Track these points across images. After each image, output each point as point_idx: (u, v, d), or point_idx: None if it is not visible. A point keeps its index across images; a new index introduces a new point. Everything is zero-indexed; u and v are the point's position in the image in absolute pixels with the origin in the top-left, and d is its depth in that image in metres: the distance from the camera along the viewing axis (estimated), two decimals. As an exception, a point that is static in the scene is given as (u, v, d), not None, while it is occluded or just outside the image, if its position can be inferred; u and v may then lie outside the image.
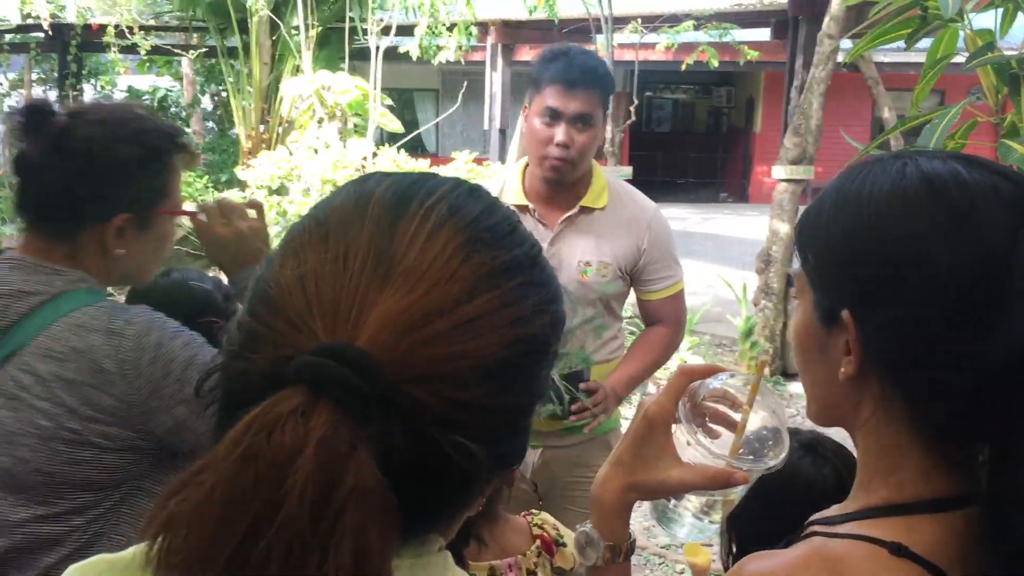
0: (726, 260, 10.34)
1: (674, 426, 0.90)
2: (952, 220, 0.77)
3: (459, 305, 0.59)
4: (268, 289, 0.62)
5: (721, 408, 0.93)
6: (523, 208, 2.32)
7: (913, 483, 0.80)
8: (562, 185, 2.28)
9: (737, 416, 0.91)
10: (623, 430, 2.53)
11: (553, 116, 2.19)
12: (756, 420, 0.91)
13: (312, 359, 0.55)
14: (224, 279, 1.74)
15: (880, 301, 0.79)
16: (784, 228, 6.44)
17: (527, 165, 2.36)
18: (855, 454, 0.87)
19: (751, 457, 0.89)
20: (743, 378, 0.93)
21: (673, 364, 6.55)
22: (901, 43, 1.93)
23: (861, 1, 2.12)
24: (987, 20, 1.91)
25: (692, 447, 0.89)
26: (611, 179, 2.40)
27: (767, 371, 6.40)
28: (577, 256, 2.28)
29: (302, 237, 0.64)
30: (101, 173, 1.40)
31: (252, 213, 1.59)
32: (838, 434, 0.99)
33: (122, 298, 1.73)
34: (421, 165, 8.90)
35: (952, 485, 0.80)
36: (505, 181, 2.40)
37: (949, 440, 0.80)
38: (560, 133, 2.18)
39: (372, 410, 0.55)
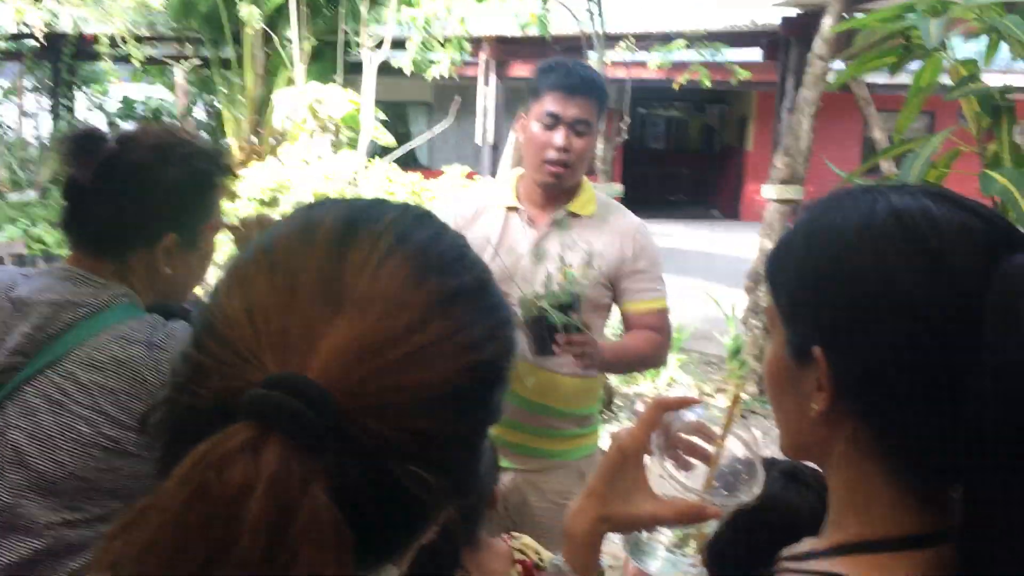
0: (716, 278, 10.35)
1: (648, 458, 0.90)
2: (922, 257, 0.77)
3: (411, 333, 0.58)
4: (214, 320, 0.60)
5: (696, 441, 0.92)
6: (513, 209, 2.35)
7: (884, 520, 0.80)
8: (557, 190, 2.31)
9: (711, 449, 0.91)
10: (596, 457, 2.52)
11: (553, 121, 2.24)
12: (731, 453, 0.91)
13: (262, 392, 0.53)
14: (200, 296, 1.76)
15: (851, 338, 0.79)
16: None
17: (521, 174, 2.40)
18: None
19: (724, 492, 0.89)
20: (718, 410, 0.92)
21: (661, 383, 6.55)
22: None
23: (850, 27, 2.13)
24: (973, 49, 1.92)
25: (665, 480, 0.89)
26: (599, 194, 2.43)
27: (755, 389, 6.40)
28: (557, 258, 2.28)
29: (248, 267, 0.63)
30: (151, 198, 1.46)
31: None
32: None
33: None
34: (413, 178, 8.92)
35: (925, 522, 0.79)
36: (495, 186, 2.44)
37: (921, 477, 0.80)
38: (559, 137, 2.23)
39: (325, 442, 0.53)
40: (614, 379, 6.30)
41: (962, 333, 0.74)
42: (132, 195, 1.45)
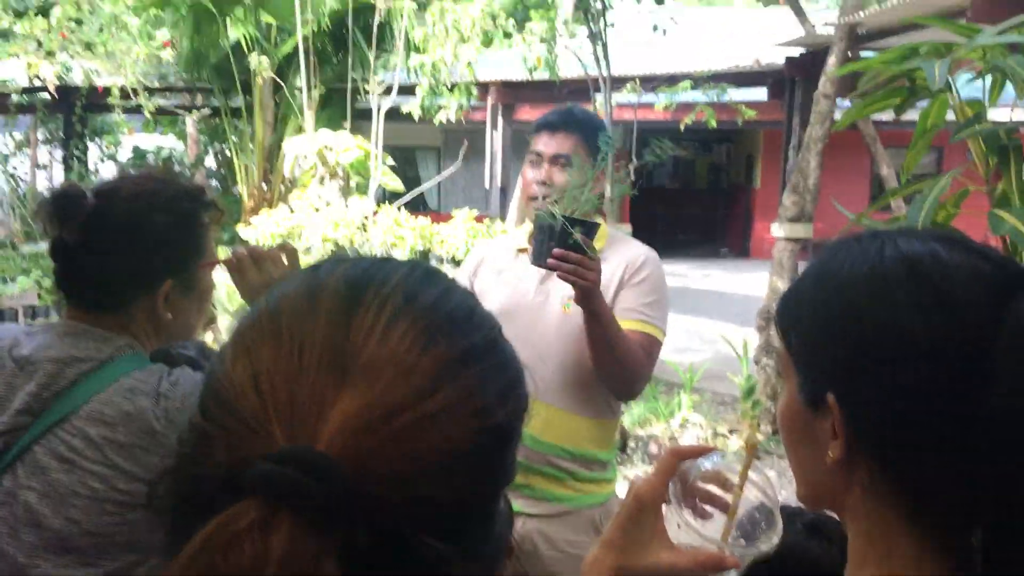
0: (727, 317, 10.33)
1: (665, 507, 0.90)
2: (933, 302, 0.77)
3: (421, 400, 0.57)
4: (220, 388, 0.59)
5: (713, 489, 0.92)
6: (523, 250, 2.38)
7: (904, 568, 0.79)
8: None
9: (729, 497, 0.90)
10: (610, 506, 2.47)
11: (536, 158, 2.33)
12: (749, 502, 0.90)
13: (270, 468, 0.52)
14: (207, 342, 1.76)
15: (863, 384, 0.79)
16: (784, 286, 6.44)
17: None
18: None
19: (743, 541, 0.88)
20: (734, 457, 0.92)
21: (675, 424, 6.51)
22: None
23: (853, 70, 2.15)
24: (978, 85, 1.93)
25: (683, 529, 0.88)
26: (614, 231, 2.44)
27: (769, 429, 6.35)
28: (562, 292, 2.25)
29: (253, 331, 0.61)
30: (140, 249, 1.44)
31: (284, 257, 1.63)
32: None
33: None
34: (422, 223, 8.96)
35: (945, 570, 0.78)
36: (512, 232, 2.48)
37: (941, 524, 0.79)
38: (538, 172, 2.30)
39: (336, 516, 0.52)
40: (627, 421, 6.27)
41: (975, 377, 0.74)
42: (122, 248, 1.43)
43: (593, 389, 2.28)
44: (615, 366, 2.17)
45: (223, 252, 1.64)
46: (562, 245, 1.96)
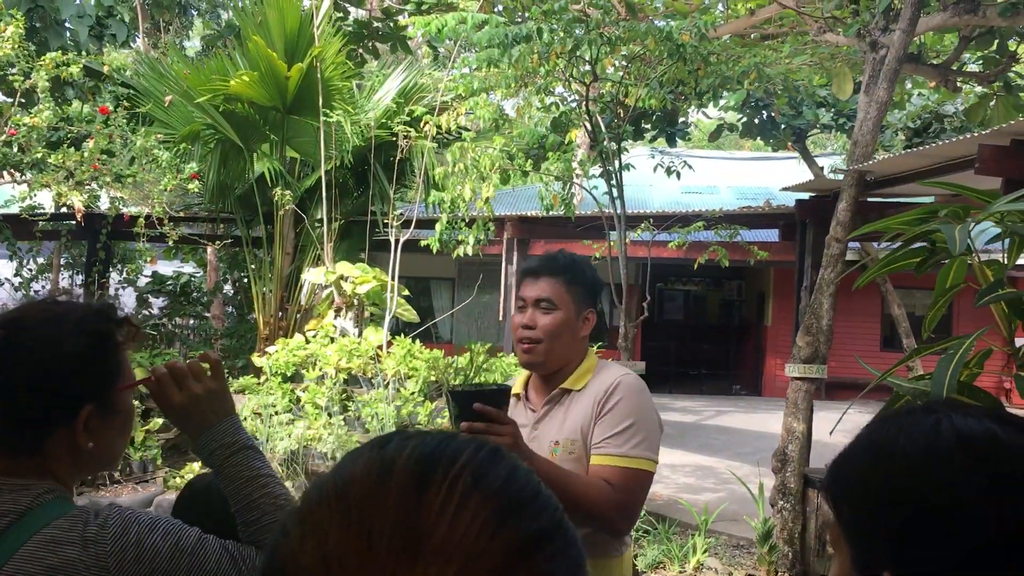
0: (740, 456, 10.20)
1: None
2: (991, 482, 0.78)
3: None
4: (287, 567, 0.59)
5: None
6: (517, 396, 2.46)
7: None
8: (542, 370, 2.40)
9: None
10: None
11: (521, 304, 2.41)
12: None
13: None
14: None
15: (922, 564, 0.78)
16: (799, 427, 6.39)
17: None
18: None
19: None
20: None
21: (688, 568, 6.34)
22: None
23: (869, 231, 2.19)
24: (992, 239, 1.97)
25: None
26: (602, 362, 2.47)
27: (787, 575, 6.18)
28: (551, 436, 2.33)
29: (321, 510, 0.62)
30: (55, 377, 1.35)
31: (207, 367, 1.52)
32: None
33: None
34: (436, 354, 8.99)
35: None
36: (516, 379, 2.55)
37: None
38: (526, 317, 2.38)
39: None
40: (641, 563, 6.11)
41: None
42: (35, 380, 1.34)
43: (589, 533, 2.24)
44: (574, 513, 2.09)
45: (141, 372, 1.57)
46: (467, 417, 1.98)
